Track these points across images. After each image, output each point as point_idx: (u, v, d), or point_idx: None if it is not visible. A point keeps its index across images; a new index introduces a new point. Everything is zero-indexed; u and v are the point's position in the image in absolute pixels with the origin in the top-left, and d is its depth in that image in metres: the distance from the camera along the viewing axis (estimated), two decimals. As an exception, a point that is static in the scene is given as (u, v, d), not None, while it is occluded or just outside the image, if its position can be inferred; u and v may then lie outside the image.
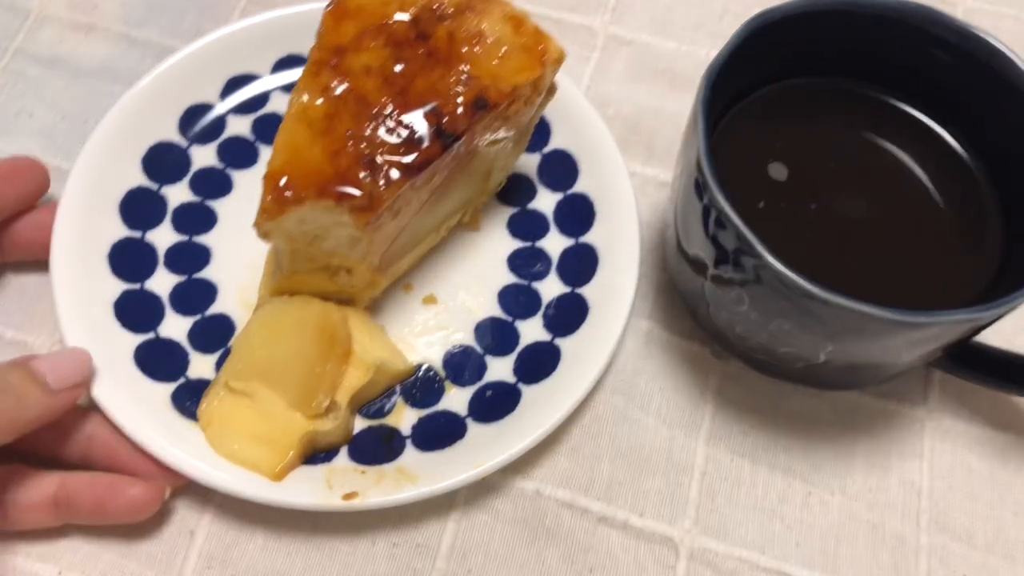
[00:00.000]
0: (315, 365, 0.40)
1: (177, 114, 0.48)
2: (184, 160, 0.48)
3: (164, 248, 0.45)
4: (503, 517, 0.41)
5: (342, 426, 0.40)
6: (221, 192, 0.47)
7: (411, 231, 0.42)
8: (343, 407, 0.40)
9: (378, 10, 0.39)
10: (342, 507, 0.38)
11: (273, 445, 0.39)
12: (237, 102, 0.49)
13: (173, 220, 0.46)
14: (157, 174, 0.47)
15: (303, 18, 0.48)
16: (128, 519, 0.39)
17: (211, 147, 0.48)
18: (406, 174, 0.36)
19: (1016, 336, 0.46)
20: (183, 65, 0.48)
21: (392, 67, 0.38)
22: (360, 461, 0.40)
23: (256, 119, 0.49)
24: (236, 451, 0.39)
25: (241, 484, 0.38)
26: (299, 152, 0.36)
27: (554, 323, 0.44)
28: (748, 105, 0.42)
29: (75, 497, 0.38)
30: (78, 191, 0.44)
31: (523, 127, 0.43)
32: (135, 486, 0.38)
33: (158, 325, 0.43)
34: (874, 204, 0.40)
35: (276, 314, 0.41)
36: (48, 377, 0.37)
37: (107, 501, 0.38)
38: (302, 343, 0.40)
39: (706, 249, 0.38)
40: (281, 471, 0.39)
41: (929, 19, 0.39)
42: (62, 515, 0.39)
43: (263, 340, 0.40)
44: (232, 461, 0.39)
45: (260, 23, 0.49)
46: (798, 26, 0.39)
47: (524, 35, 0.39)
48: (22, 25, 0.54)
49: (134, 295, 0.44)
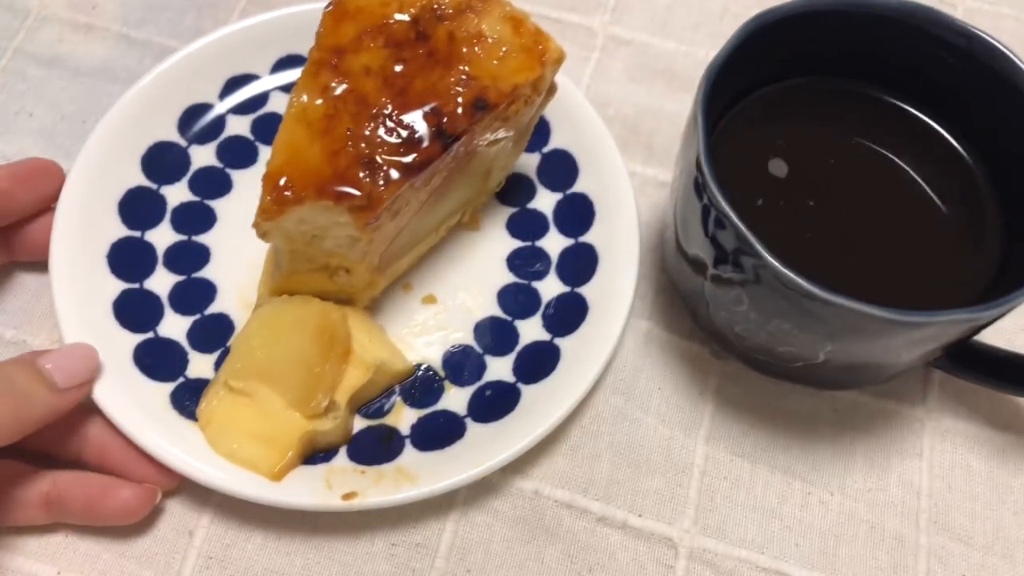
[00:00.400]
0: (314, 365, 0.40)
1: (176, 114, 0.48)
2: (183, 160, 0.48)
3: (163, 248, 0.45)
4: (502, 517, 0.41)
5: (341, 426, 0.40)
6: (220, 192, 0.47)
7: (410, 231, 0.42)
8: (343, 407, 0.40)
9: (378, 10, 0.39)
10: (342, 507, 0.38)
11: (272, 444, 0.39)
12: (236, 102, 0.49)
13: (172, 220, 0.46)
14: (156, 174, 0.47)
15: (302, 18, 0.48)
16: (118, 522, 0.39)
17: (210, 147, 0.48)
18: (406, 174, 0.36)
19: (1016, 336, 0.46)
20: (183, 65, 0.48)
21: (392, 67, 0.38)
22: (359, 461, 0.40)
23: (255, 119, 0.49)
24: (235, 450, 0.39)
25: (241, 484, 0.38)
26: (298, 152, 0.36)
27: (553, 323, 0.44)
28: (748, 105, 0.42)
29: (66, 497, 0.38)
30: (77, 191, 0.44)
31: (523, 127, 0.43)
32: (126, 489, 0.38)
33: (157, 325, 0.43)
34: (874, 204, 0.40)
35: (275, 313, 0.41)
36: (55, 375, 0.37)
37: (98, 503, 0.38)
38: (301, 342, 0.40)
39: (705, 249, 0.38)
40: (280, 471, 0.39)
41: (929, 19, 0.39)
42: (53, 514, 0.39)
43: (262, 339, 0.40)
44: (231, 460, 0.39)
45: (259, 23, 0.49)
46: (798, 26, 0.39)
47: (524, 35, 0.39)
48: (22, 25, 0.54)
49: (133, 294, 0.44)
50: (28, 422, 0.36)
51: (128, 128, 0.46)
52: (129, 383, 0.41)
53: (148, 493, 0.39)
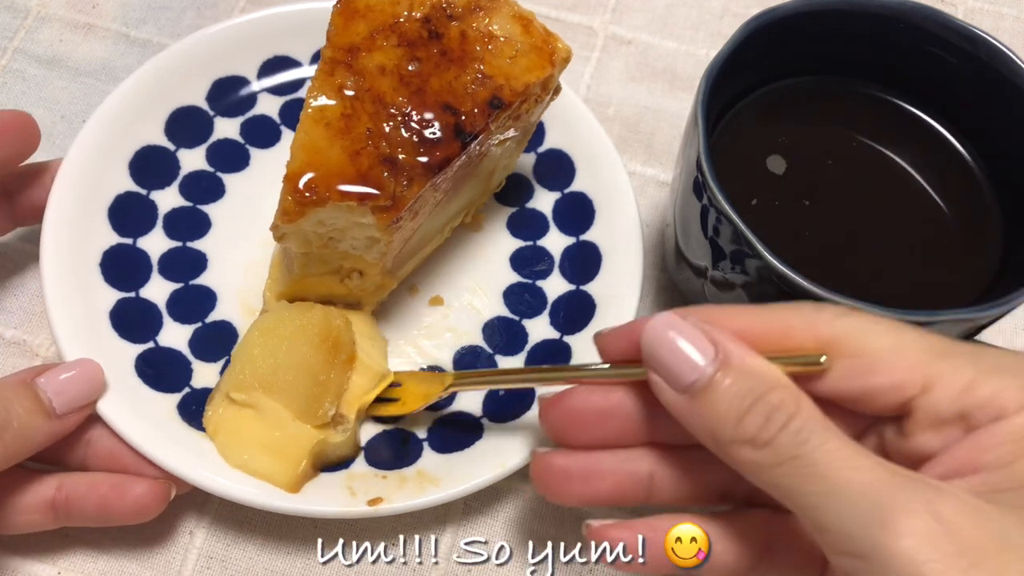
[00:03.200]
0: (319, 372, 0.39)
1: (163, 117, 0.47)
2: (173, 164, 0.46)
3: (157, 255, 0.44)
4: (503, 518, 0.41)
5: (351, 439, 0.40)
6: (213, 197, 0.46)
7: (420, 233, 0.42)
8: (351, 420, 0.39)
9: (388, 9, 0.39)
10: (369, 513, 0.38)
11: (283, 455, 0.38)
12: (225, 105, 0.48)
13: (165, 226, 0.45)
14: (146, 179, 0.45)
15: (290, 19, 0.48)
16: (133, 520, 0.38)
17: (200, 150, 0.47)
18: (427, 173, 0.36)
19: (1016, 336, 0.46)
20: (167, 66, 0.46)
21: (407, 66, 0.38)
22: (378, 466, 0.40)
23: (244, 122, 0.48)
24: (247, 461, 0.38)
25: (265, 496, 0.37)
26: (319, 153, 0.36)
27: (562, 321, 0.44)
28: (748, 105, 0.42)
29: (76, 499, 0.37)
30: (65, 198, 0.42)
31: (528, 126, 0.43)
32: (140, 485, 0.37)
33: (157, 334, 0.42)
34: (874, 204, 0.40)
35: (277, 321, 0.40)
36: (55, 402, 0.36)
37: (112, 502, 0.37)
38: (305, 350, 0.39)
39: (705, 249, 0.38)
40: (297, 482, 0.38)
41: (930, 19, 0.39)
42: (60, 518, 0.37)
43: (264, 349, 0.39)
44: (245, 471, 0.38)
45: (245, 23, 0.48)
46: (798, 26, 0.39)
47: (534, 34, 0.39)
48: (21, 24, 0.54)
49: (130, 303, 0.43)
50: (22, 453, 0.35)
51: (113, 132, 0.45)
52: (134, 396, 0.40)
53: (163, 488, 0.38)
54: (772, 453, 0.27)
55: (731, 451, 0.28)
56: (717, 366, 0.29)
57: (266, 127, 0.48)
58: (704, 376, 0.29)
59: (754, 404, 0.28)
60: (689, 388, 0.29)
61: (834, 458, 0.27)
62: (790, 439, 0.27)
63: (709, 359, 0.29)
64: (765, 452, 0.28)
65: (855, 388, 0.29)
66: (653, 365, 0.30)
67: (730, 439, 0.28)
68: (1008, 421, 0.27)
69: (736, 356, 0.29)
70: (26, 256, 0.47)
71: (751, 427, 0.28)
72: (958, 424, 0.28)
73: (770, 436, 0.27)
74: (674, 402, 0.30)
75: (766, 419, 0.28)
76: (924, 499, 0.26)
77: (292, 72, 0.49)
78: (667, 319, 0.30)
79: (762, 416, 0.28)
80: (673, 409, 0.30)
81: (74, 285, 0.41)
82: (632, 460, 0.33)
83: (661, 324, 0.30)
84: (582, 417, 0.33)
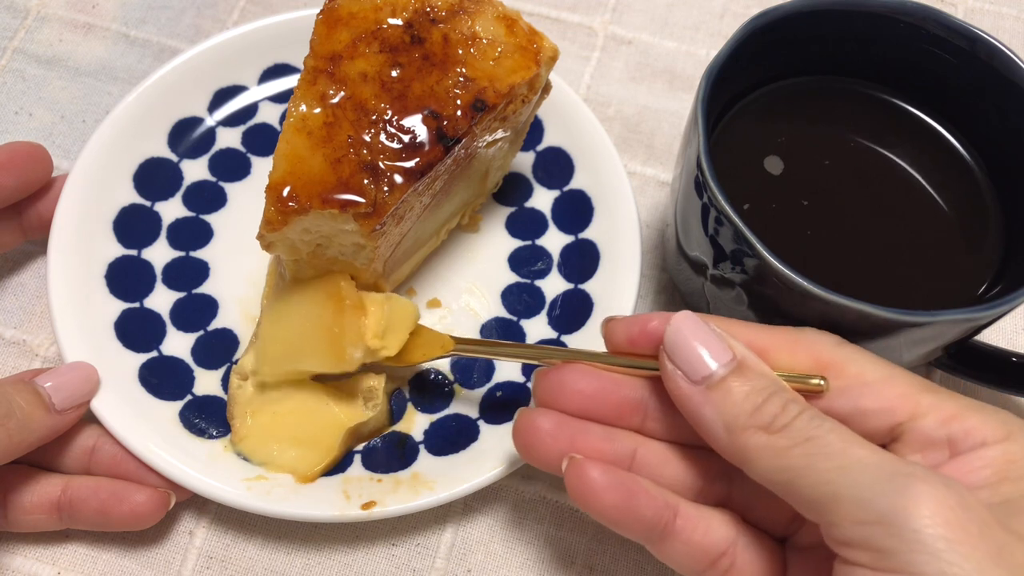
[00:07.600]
0: (332, 325, 0.39)
1: (166, 129, 0.47)
2: (176, 175, 0.47)
3: (161, 265, 0.45)
4: (503, 518, 0.41)
5: (383, 412, 0.41)
6: (215, 206, 0.47)
7: (413, 236, 0.42)
8: (381, 394, 0.40)
9: (371, 15, 0.39)
10: (362, 517, 0.38)
11: (315, 446, 0.39)
12: (226, 114, 0.48)
13: (168, 236, 0.46)
14: (149, 190, 0.46)
15: (289, 27, 0.48)
16: (131, 527, 0.38)
17: (202, 161, 0.48)
18: (409, 179, 0.36)
19: (1016, 336, 0.46)
20: (169, 79, 0.47)
21: (389, 72, 0.38)
22: (374, 469, 0.40)
23: (246, 130, 0.48)
24: (274, 456, 0.39)
25: (261, 501, 0.38)
26: (301, 162, 0.36)
27: (559, 320, 0.44)
28: (748, 105, 0.42)
29: (78, 502, 0.38)
30: (70, 212, 0.43)
31: (519, 126, 0.43)
32: (140, 493, 0.38)
33: (160, 343, 0.43)
34: (875, 204, 0.40)
35: (283, 302, 0.41)
36: (54, 397, 0.37)
37: (111, 507, 0.38)
38: (314, 311, 0.39)
39: (705, 248, 0.38)
40: (317, 472, 0.39)
41: (930, 19, 0.39)
42: (64, 519, 0.38)
43: (281, 328, 0.40)
44: (268, 468, 0.39)
45: (244, 33, 0.48)
46: (798, 26, 0.39)
47: (518, 34, 0.39)
48: (21, 24, 0.54)
49: (134, 314, 0.43)
50: (25, 445, 0.36)
51: (117, 146, 0.45)
52: (136, 404, 0.40)
53: (162, 498, 0.38)
54: (787, 436, 0.29)
55: (743, 437, 0.30)
56: (736, 364, 0.31)
57: (267, 135, 0.48)
58: (724, 369, 0.31)
59: (771, 396, 0.30)
60: (707, 379, 0.31)
61: (848, 439, 0.29)
62: (805, 423, 0.29)
63: (729, 357, 0.31)
64: (780, 435, 0.29)
65: (849, 407, 0.31)
66: (674, 354, 0.32)
67: (745, 425, 0.30)
68: (991, 448, 0.30)
69: (751, 359, 0.32)
70: (26, 256, 0.47)
71: (768, 414, 0.30)
72: (944, 448, 0.30)
73: (787, 421, 0.29)
74: (687, 392, 0.31)
75: (783, 407, 0.30)
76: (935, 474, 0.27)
77: (292, 79, 0.49)
78: (693, 315, 0.32)
79: (779, 405, 0.30)
80: (682, 398, 0.32)
81: (80, 297, 0.42)
82: (619, 437, 0.34)
83: (688, 318, 0.32)
84: (576, 386, 0.34)
